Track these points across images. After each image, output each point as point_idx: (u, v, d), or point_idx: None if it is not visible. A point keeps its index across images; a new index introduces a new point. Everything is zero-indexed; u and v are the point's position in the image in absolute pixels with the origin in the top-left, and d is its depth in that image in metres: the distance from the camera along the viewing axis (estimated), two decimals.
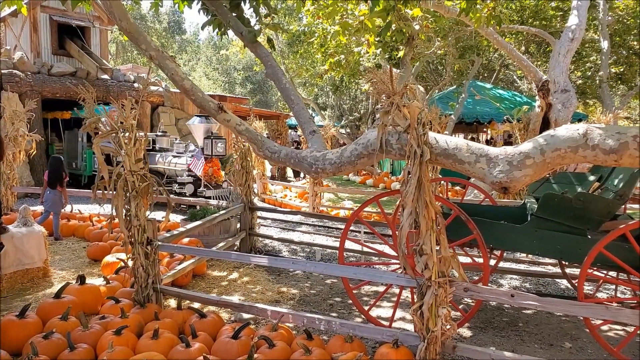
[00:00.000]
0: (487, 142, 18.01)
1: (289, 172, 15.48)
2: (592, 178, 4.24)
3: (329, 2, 7.27)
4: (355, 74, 11.03)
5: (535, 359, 2.87)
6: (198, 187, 9.05)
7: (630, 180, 3.52)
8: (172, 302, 4.21)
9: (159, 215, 6.96)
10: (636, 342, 3.61)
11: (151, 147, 10.34)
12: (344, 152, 3.39)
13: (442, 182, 6.90)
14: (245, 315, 3.92)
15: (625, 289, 4.72)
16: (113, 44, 29.82)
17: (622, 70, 14.87)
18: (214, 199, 8.37)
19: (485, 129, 18.31)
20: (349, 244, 5.45)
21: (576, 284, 4.19)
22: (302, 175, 14.09)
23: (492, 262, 4.53)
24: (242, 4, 4.65)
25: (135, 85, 13.23)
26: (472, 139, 15.50)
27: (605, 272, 4.15)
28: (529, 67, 7.68)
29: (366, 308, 3.89)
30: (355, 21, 6.47)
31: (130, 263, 3.99)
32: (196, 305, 4.01)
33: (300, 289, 4.83)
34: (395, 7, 4.43)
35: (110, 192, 3.72)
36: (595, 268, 3.80)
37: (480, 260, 4.27)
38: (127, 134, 3.73)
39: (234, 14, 4.50)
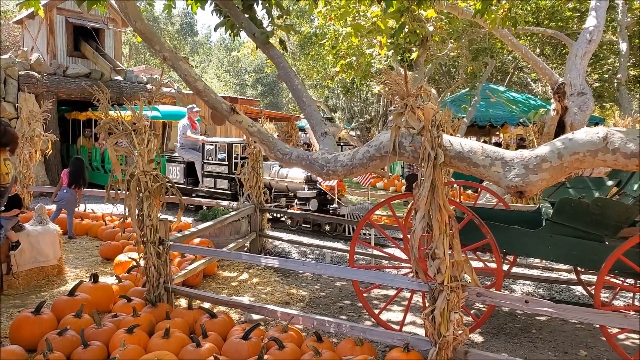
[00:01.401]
0: (497, 146, 17.71)
1: None
2: (610, 183, 4.15)
3: (342, 4, 7.26)
4: (367, 76, 10.97)
5: None
6: (323, 202, 7.92)
7: None
8: (183, 302, 4.24)
9: (170, 215, 7.01)
10: None
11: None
12: (356, 154, 3.37)
13: (455, 185, 6.83)
14: (255, 316, 3.91)
15: None
16: (126, 46, 30.24)
17: None
18: (348, 217, 7.41)
19: (497, 133, 18.09)
20: (359, 247, 5.41)
21: (592, 291, 4.10)
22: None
23: (505, 267, 4.45)
24: (255, 5, 4.67)
25: (148, 86, 13.37)
26: (484, 143, 15.24)
27: (622, 279, 4.06)
28: (545, 69, 7.54)
29: (376, 311, 3.86)
30: (368, 22, 6.44)
31: (142, 262, 4.02)
32: (207, 305, 4.03)
33: (309, 291, 4.82)
34: (410, 8, 4.39)
35: (123, 192, 3.76)
36: (612, 275, 3.71)
37: (493, 265, 4.20)
38: (141, 135, 3.77)
39: (246, 15, 4.51)
